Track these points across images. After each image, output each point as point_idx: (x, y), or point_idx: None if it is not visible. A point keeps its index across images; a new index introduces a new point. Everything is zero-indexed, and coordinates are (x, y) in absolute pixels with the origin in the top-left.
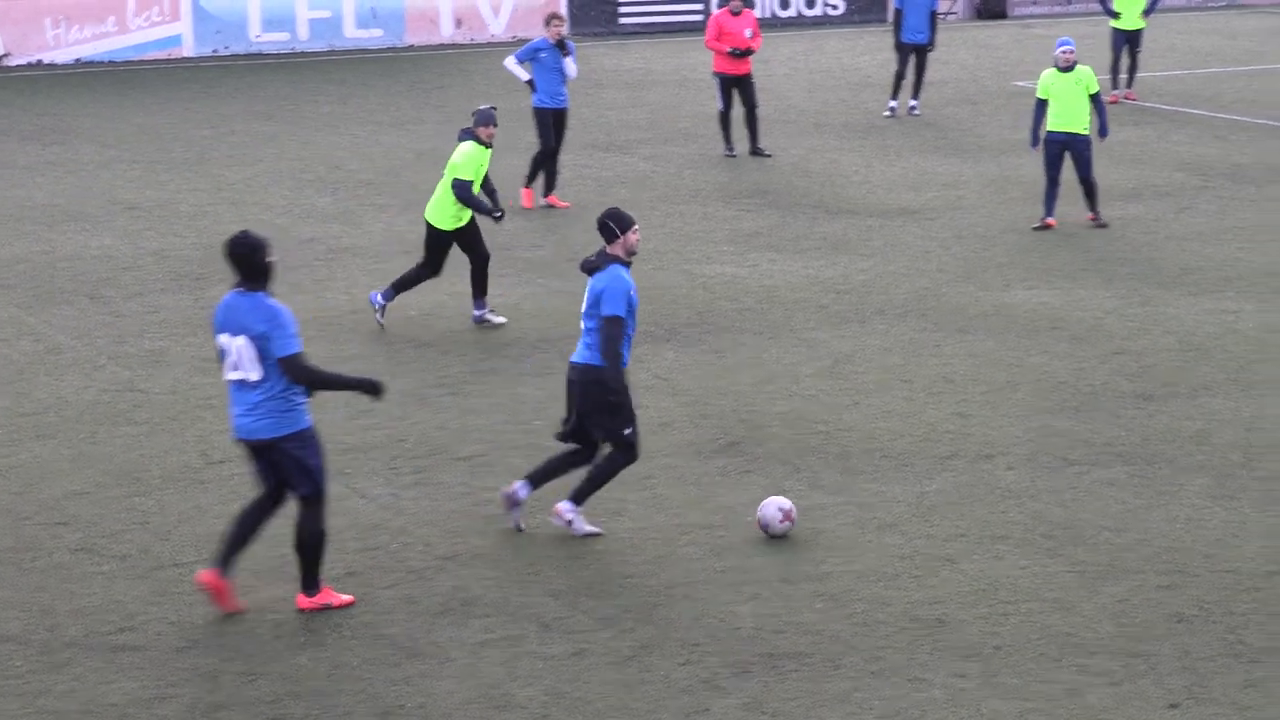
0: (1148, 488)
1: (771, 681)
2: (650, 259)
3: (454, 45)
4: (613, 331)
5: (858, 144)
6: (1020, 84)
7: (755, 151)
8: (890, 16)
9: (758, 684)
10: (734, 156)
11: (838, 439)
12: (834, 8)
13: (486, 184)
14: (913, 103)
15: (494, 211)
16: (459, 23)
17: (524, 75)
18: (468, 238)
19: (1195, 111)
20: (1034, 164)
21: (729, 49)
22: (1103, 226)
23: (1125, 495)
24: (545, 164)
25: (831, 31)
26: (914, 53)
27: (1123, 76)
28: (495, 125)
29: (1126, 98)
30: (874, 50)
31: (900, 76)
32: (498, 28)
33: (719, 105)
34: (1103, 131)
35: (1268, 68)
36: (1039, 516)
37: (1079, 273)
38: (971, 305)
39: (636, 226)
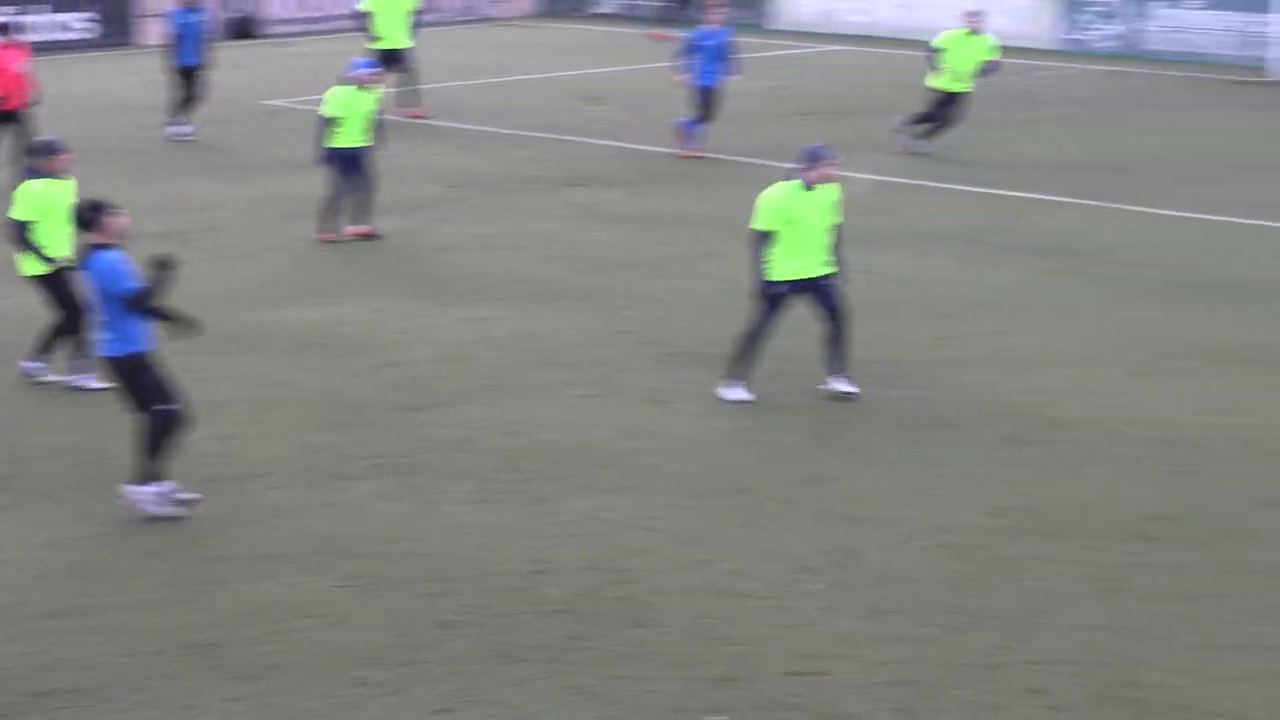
0: (414, 497)
1: None
2: None
3: None
4: (139, 304)
5: (112, 169)
6: (274, 103)
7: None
8: (144, 39)
9: None
10: None
11: (109, 468)
12: (72, 29)
13: None
14: (180, 125)
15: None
16: None
17: None
18: (56, 286)
19: (446, 124)
20: (291, 183)
21: None
22: (370, 239)
23: (392, 506)
24: None
25: (77, 55)
26: (188, 75)
27: (402, 92)
28: (62, 153)
29: (416, 115)
30: (124, 73)
31: (189, 99)
32: None
33: None
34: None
35: (512, 79)
36: (306, 533)
37: (339, 288)
38: (233, 325)
39: (119, 209)
